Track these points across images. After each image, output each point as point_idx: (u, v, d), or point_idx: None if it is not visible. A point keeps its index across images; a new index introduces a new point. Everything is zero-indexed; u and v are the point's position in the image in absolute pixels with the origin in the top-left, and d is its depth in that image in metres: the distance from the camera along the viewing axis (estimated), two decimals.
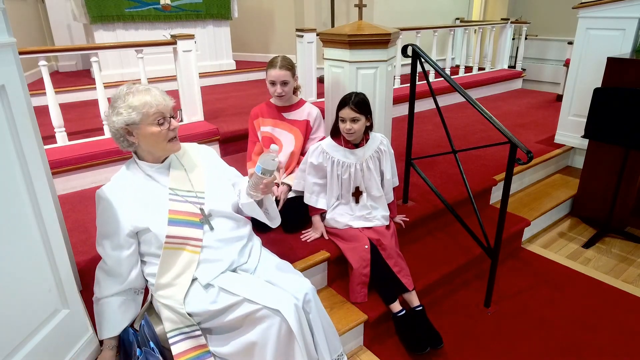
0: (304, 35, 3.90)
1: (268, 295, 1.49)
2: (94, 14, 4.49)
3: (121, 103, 1.47)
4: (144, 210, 1.54)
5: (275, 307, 1.45)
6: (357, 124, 2.04)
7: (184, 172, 1.64)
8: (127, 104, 1.46)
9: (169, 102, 1.52)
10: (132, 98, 1.46)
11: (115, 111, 1.47)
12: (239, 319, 1.50)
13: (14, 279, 1.24)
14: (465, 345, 2.09)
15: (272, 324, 1.45)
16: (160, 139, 1.51)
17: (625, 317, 2.29)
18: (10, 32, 1.26)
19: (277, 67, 2.28)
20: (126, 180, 1.58)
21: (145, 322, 1.55)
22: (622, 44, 3.13)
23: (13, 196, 1.23)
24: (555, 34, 6.89)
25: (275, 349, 1.46)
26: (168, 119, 1.51)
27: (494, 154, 3.41)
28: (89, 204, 2.62)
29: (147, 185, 1.58)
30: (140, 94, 1.46)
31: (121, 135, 1.51)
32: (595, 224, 3.21)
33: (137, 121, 1.46)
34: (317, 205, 2.22)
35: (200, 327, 1.55)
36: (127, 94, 1.47)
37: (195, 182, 1.64)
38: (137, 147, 1.55)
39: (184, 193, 1.61)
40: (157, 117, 1.48)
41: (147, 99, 1.46)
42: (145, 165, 1.59)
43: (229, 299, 1.50)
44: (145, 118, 1.46)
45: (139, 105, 1.45)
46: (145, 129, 1.48)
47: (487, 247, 2.25)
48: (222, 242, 1.62)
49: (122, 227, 1.53)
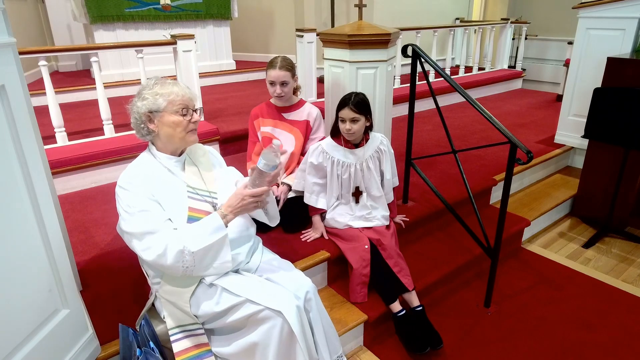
0: (304, 35, 3.90)
1: (270, 296, 1.49)
2: (94, 14, 4.49)
3: (148, 90, 1.50)
4: (165, 201, 1.51)
5: (277, 308, 1.45)
6: (357, 124, 2.04)
7: (197, 170, 1.64)
8: (153, 91, 1.49)
9: (194, 96, 1.57)
10: (160, 87, 1.50)
11: (141, 97, 1.50)
12: (241, 320, 1.50)
13: (14, 279, 1.24)
14: (465, 345, 2.09)
15: (274, 325, 1.45)
16: (180, 128, 1.52)
17: (625, 317, 2.29)
18: (10, 32, 1.26)
19: (276, 68, 2.28)
20: (145, 168, 1.54)
21: (145, 322, 1.56)
22: (622, 44, 3.13)
23: (13, 196, 1.23)
24: (555, 34, 6.88)
25: (277, 350, 1.46)
26: (190, 112, 1.54)
27: (494, 154, 3.41)
28: (89, 204, 2.63)
29: (166, 177, 1.55)
30: (168, 84, 1.52)
31: (142, 122, 1.51)
32: (595, 224, 3.21)
33: (161, 108, 1.48)
34: (317, 205, 2.22)
35: (203, 328, 1.55)
36: (155, 84, 1.52)
37: (208, 182, 1.64)
38: (156, 136, 1.55)
39: (200, 191, 1.61)
40: (181, 107, 1.51)
41: (174, 89, 1.51)
42: (164, 157, 1.57)
43: (232, 299, 1.50)
44: (169, 106, 1.49)
45: (165, 92, 1.49)
46: (167, 117, 1.49)
47: (487, 247, 2.25)
48: (233, 242, 1.62)
49: (155, 201, 1.48)
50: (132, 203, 1.45)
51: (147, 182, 1.49)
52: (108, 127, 3.03)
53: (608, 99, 2.65)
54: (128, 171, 1.53)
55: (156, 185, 1.50)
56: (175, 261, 1.41)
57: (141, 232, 1.43)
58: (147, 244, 1.42)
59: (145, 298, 1.75)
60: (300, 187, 2.27)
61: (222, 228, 1.48)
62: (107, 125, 3.03)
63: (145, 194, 1.46)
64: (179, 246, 1.41)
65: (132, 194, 1.46)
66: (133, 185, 1.47)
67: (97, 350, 1.58)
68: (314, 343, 1.56)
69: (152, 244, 1.42)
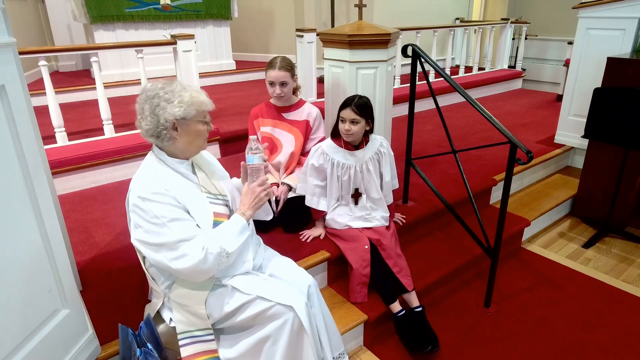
0: (303, 35, 3.90)
1: (280, 292, 1.50)
2: (94, 14, 4.49)
3: (178, 96, 1.46)
4: (191, 207, 1.48)
5: (288, 303, 1.46)
6: (356, 126, 2.04)
7: (205, 175, 1.62)
8: (188, 100, 1.46)
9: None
10: (188, 95, 1.47)
11: (171, 102, 1.44)
12: (251, 317, 1.50)
13: (14, 279, 1.24)
14: (465, 345, 2.09)
15: (286, 321, 1.46)
16: (202, 136, 1.54)
17: (625, 317, 2.28)
18: (10, 32, 1.26)
19: (276, 68, 2.28)
20: (162, 176, 1.48)
21: (145, 323, 1.55)
22: (622, 44, 3.13)
23: (13, 196, 1.23)
24: (555, 34, 6.88)
25: (287, 345, 1.47)
26: (209, 120, 1.56)
27: (494, 154, 3.41)
28: (89, 204, 2.63)
29: (182, 183, 1.51)
30: (195, 92, 1.50)
31: (165, 127, 1.44)
32: (595, 224, 3.21)
33: (190, 117, 1.47)
34: (318, 207, 2.22)
35: (213, 329, 1.55)
36: (181, 90, 1.48)
37: (217, 185, 1.63)
38: (173, 142, 1.49)
39: (216, 195, 1.60)
40: (205, 116, 1.53)
41: (203, 98, 1.50)
42: (176, 162, 1.53)
43: (242, 297, 1.51)
44: (198, 115, 1.49)
45: (197, 102, 1.48)
46: (193, 126, 1.49)
47: (487, 247, 2.25)
48: (249, 243, 1.63)
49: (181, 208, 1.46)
50: (161, 213, 1.40)
51: (170, 190, 1.44)
52: (108, 127, 3.03)
53: (608, 99, 2.65)
54: (144, 181, 1.45)
55: (178, 192, 1.47)
56: (214, 264, 1.44)
57: (175, 241, 1.40)
58: (183, 251, 1.40)
59: (145, 298, 1.75)
60: (303, 190, 2.26)
61: (246, 227, 1.55)
62: (107, 125, 3.03)
63: (172, 202, 1.43)
64: (217, 249, 1.43)
65: (159, 204, 1.40)
66: (157, 194, 1.41)
67: (97, 351, 1.58)
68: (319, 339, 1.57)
69: (189, 251, 1.40)
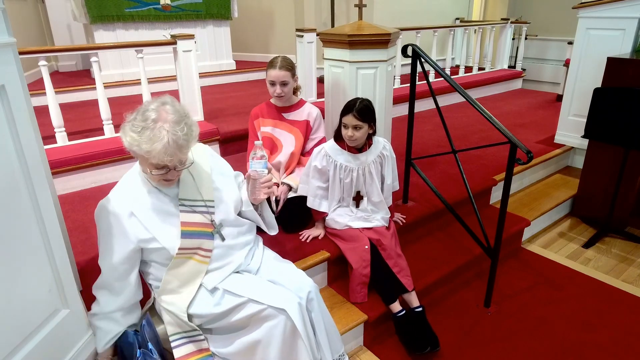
0: (304, 35, 3.90)
1: (273, 295, 1.49)
2: (94, 14, 4.49)
3: (137, 124, 1.35)
4: (153, 224, 1.48)
5: (280, 306, 1.46)
6: (360, 131, 2.03)
7: (192, 181, 1.57)
8: (138, 138, 1.33)
9: (176, 158, 1.39)
10: (146, 135, 1.33)
11: (128, 127, 1.36)
12: (243, 320, 1.50)
13: (14, 279, 1.24)
14: (465, 345, 2.09)
15: (278, 323, 1.46)
16: (151, 178, 1.47)
17: (625, 317, 2.28)
18: (10, 32, 1.26)
19: (276, 68, 2.27)
20: (130, 193, 1.50)
21: (147, 322, 1.55)
22: (622, 44, 3.13)
23: (13, 196, 1.23)
24: (555, 34, 6.88)
25: (280, 348, 1.47)
26: (168, 168, 1.41)
27: (494, 154, 3.41)
28: (89, 204, 2.62)
29: (154, 198, 1.50)
30: (156, 139, 1.32)
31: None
32: (595, 224, 3.21)
33: (137, 154, 1.40)
34: (320, 208, 2.21)
35: (202, 328, 1.55)
36: (145, 128, 1.33)
37: (204, 192, 1.58)
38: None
39: (194, 203, 1.56)
40: (156, 165, 1.39)
41: (156, 146, 1.32)
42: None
43: (234, 300, 1.51)
44: (143, 160, 1.41)
45: (144, 147, 1.33)
46: (143, 163, 1.44)
47: (487, 247, 2.25)
48: (231, 248, 1.63)
49: (129, 242, 1.47)
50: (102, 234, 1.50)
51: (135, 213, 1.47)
52: (108, 127, 3.03)
53: (608, 99, 2.65)
54: (114, 192, 1.49)
55: (144, 214, 1.48)
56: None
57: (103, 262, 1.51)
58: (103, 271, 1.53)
59: (145, 298, 1.74)
60: (304, 192, 2.24)
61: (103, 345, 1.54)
62: (107, 125, 3.02)
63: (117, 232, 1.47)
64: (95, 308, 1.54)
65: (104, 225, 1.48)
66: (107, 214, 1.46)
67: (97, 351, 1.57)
68: (315, 342, 1.56)
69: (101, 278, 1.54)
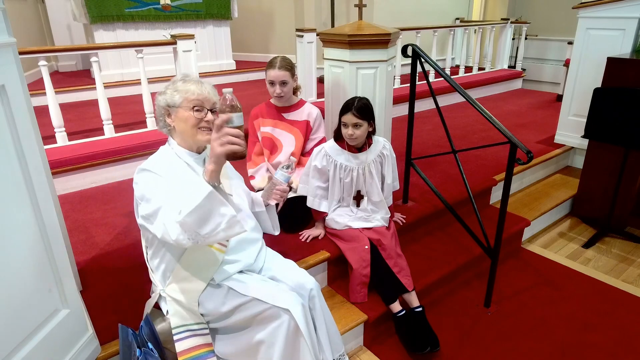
0: (303, 35, 3.91)
1: (277, 295, 1.50)
2: (94, 14, 4.49)
3: (171, 85, 1.56)
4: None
5: (284, 306, 1.46)
6: (360, 129, 2.04)
7: None
8: (174, 87, 1.54)
9: (212, 97, 1.57)
10: (181, 83, 1.55)
11: (163, 91, 1.57)
12: (247, 319, 1.51)
13: (14, 279, 1.24)
14: (465, 345, 2.09)
15: (282, 323, 1.46)
16: (190, 124, 1.53)
17: (625, 317, 2.28)
18: (10, 32, 1.26)
19: (276, 68, 2.28)
20: (168, 161, 1.55)
21: (145, 322, 1.55)
22: (622, 44, 3.13)
23: (13, 196, 1.23)
24: (555, 34, 6.89)
25: (283, 349, 1.47)
26: (205, 111, 1.54)
27: (494, 154, 3.41)
28: (89, 204, 2.63)
29: (187, 173, 1.54)
30: (190, 82, 1.55)
31: (161, 114, 1.58)
32: (595, 224, 3.21)
33: (177, 104, 1.52)
34: (320, 208, 2.22)
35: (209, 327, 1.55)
36: (179, 80, 1.57)
37: (224, 182, 1.63)
38: (173, 130, 1.58)
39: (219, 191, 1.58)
40: (194, 104, 1.52)
41: (192, 87, 1.53)
42: (184, 153, 1.57)
43: (238, 299, 1.51)
44: (184, 102, 1.52)
45: (183, 89, 1.53)
46: (181, 113, 1.52)
47: (487, 247, 2.25)
48: (244, 242, 1.64)
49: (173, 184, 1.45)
50: (144, 187, 1.43)
51: (171, 171, 1.49)
52: (108, 127, 3.03)
53: (608, 99, 2.65)
54: (148, 160, 1.54)
55: (179, 175, 1.51)
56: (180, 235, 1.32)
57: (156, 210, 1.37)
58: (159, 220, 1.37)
59: (146, 298, 1.75)
60: (304, 192, 2.25)
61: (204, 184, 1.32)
62: (107, 125, 3.03)
63: (163, 178, 1.46)
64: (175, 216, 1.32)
65: (146, 178, 1.45)
66: (153, 169, 1.47)
67: (97, 350, 1.58)
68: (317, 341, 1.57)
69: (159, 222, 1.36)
